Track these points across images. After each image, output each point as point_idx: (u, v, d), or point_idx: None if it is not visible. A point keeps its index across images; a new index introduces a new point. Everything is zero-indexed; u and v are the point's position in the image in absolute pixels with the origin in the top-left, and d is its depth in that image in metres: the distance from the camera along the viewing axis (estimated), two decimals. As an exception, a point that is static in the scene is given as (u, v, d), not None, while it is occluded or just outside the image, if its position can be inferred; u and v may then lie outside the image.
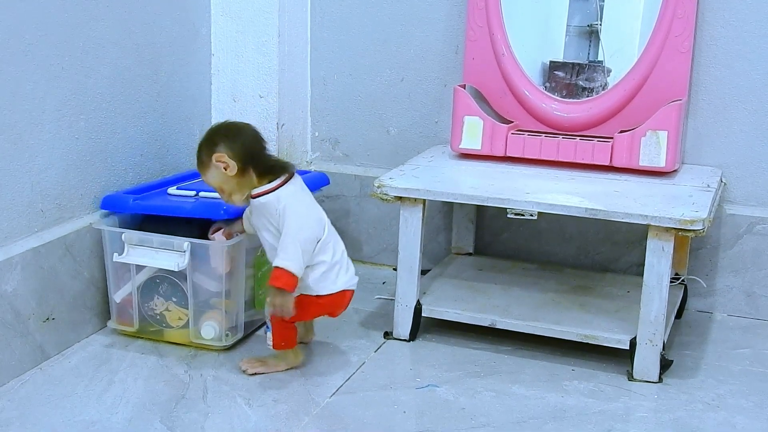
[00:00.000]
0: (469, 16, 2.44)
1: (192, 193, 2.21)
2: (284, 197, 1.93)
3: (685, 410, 1.93)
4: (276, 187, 1.94)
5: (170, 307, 2.14)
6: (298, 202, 1.96)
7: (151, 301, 2.15)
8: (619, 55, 2.41)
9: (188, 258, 2.06)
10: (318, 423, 1.84)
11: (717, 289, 2.45)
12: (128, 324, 2.17)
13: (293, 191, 1.96)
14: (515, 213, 2.08)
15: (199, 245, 2.07)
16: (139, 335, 2.17)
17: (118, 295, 2.17)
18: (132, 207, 2.16)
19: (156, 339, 2.16)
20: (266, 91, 2.62)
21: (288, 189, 1.95)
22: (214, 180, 1.95)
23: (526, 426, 1.85)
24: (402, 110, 2.69)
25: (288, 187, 1.95)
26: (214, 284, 2.11)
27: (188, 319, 2.13)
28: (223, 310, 2.11)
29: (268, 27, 2.58)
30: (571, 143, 2.32)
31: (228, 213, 2.08)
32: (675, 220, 1.95)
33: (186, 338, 2.14)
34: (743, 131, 2.39)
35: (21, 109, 1.97)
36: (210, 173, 1.95)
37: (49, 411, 1.85)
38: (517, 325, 2.16)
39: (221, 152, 1.92)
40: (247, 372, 2.02)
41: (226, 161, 1.92)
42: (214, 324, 2.11)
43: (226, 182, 1.94)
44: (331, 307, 2.04)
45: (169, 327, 2.15)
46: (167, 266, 2.07)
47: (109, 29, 2.20)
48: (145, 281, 2.14)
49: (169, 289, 2.13)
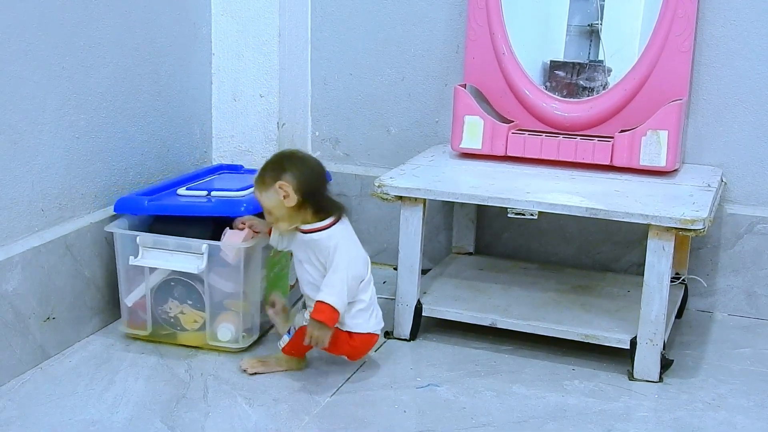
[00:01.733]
0: (470, 16, 2.44)
1: (203, 193, 2.21)
2: (336, 236, 1.95)
3: (686, 410, 1.93)
4: (328, 225, 1.95)
5: (185, 309, 2.12)
6: (349, 242, 1.97)
7: (165, 304, 2.13)
8: (619, 54, 2.41)
9: (206, 260, 2.05)
10: (318, 422, 1.84)
11: (717, 289, 2.45)
12: (141, 328, 2.15)
13: (344, 231, 1.97)
14: (516, 213, 2.08)
15: (215, 247, 2.06)
16: (151, 339, 2.15)
17: (130, 299, 2.14)
18: (147, 208, 2.14)
19: (169, 342, 2.14)
20: (267, 90, 2.62)
21: (339, 228, 1.96)
22: (268, 203, 1.95)
23: (526, 425, 1.85)
24: (402, 110, 2.69)
25: (339, 226, 1.97)
26: (230, 285, 2.10)
27: (204, 322, 2.12)
28: (240, 312, 2.10)
29: (269, 26, 2.58)
30: (572, 143, 2.32)
31: (248, 210, 2.08)
32: (675, 220, 1.95)
33: (202, 341, 2.13)
34: (744, 131, 2.39)
35: (21, 108, 1.97)
36: (267, 195, 1.94)
37: (50, 410, 1.85)
38: (517, 324, 2.16)
39: (287, 181, 1.92)
40: (248, 372, 2.02)
41: (288, 191, 1.91)
42: (230, 326, 2.10)
43: (279, 209, 1.94)
44: (358, 348, 2.03)
45: (184, 330, 2.13)
46: (187, 269, 2.05)
47: (109, 29, 2.20)
48: (159, 284, 2.12)
49: (184, 292, 2.11)
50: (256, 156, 2.65)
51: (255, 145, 2.66)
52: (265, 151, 2.64)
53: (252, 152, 2.66)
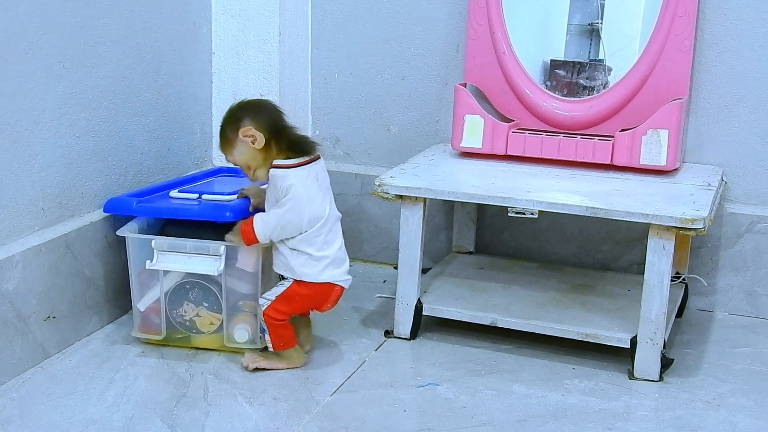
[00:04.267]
0: (470, 15, 2.44)
1: (194, 196, 2.20)
2: (292, 177, 1.95)
3: (686, 409, 1.93)
4: (291, 165, 1.96)
5: (201, 312, 2.11)
6: (303, 188, 1.96)
7: (180, 307, 2.11)
8: (619, 53, 2.41)
9: (224, 262, 2.05)
10: (318, 421, 1.84)
11: (718, 288, 2.45)
12: (155, 332, 2.13)
13: (304, 176, 1.97)
14: (516, 212, 2.08)
15: (232, 248, 2.05)
16: (165, 343, 2.13)
17: (143, 303, 2.12)
18: (136, 210, 2.14)
19: (183, 346, 2.13)
20: (267, 89, 2.62)
21: (300, 172, 1.97)
22: (241, 156, 1.98)
23: (526, 424, 1.85)
24: (403, 109, 2.69)
25: (301, 170, 1.97)
26: (246, 286, 2.09)
27: (220, 324, 2.11)
28: (257, 313, 2.08)
29: (269, 25, 2.59)
30: (572, 142, 2.32)
31: (234, 215, 2.07)
32: (676, 219, 1.95)
33: (218, 343, 2.11)
34: (744, 130, 2.39)
35: (22, 107, 1.97)
36: (237, 150, 1.98)
37: (50, 409, 1.85)
38: (517, 323, 2.16)
39: (248, 125, 1.95)
40: (249, 368, 2.03)
41: (253, 134, 1.95)
42: (246, 327, 2.10)
43: (254, 157, 1.97)
44: (316, 298, 2.04)
45: (200, 333, 2.12)
46: (206, 271, 2.04)
47: (109, 28, 2.20)
48: (173, 287, 2.10)
49: (200, 294, 2.10)
50: (257, 155, 2.65)
51: (255, 144, 2.66)
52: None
53: (252, 151, 2.66)
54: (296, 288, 2.01)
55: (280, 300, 2.01)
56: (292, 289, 2.01)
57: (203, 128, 2.64)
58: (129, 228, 2.13)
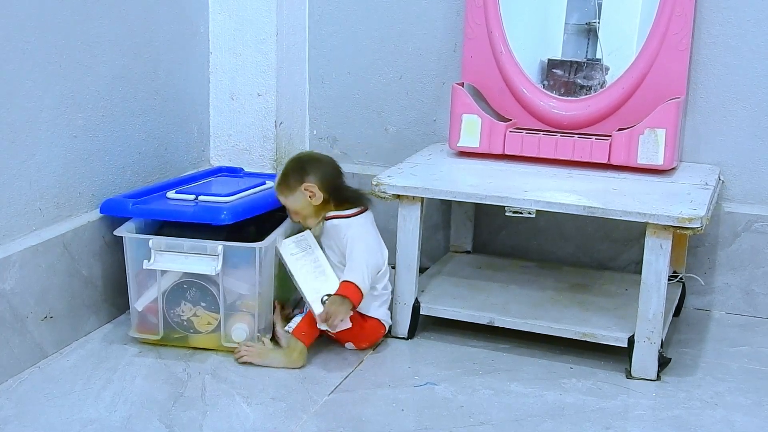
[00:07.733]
0: (468, 14, 2.44)
1: (191, 197, 2.20)
2: (354, 225, 2.11)
3: (684, 408, 1.93)
4: (350, 215, 2.12)
5: (198, 312, 2.11)
6: (367, 233, 2.13)
7: (178, 307, 2.11)
8: (617, 53, 2.41)
9: (221, 261, 2.05)
10: (316, 421, 1.84)
11: (715, 287, 2.45)
12: (152, 332, 2.13)
13: (364, 223, 2.14)
14: (513, 211, 2.08)
15: (229, 248, 2.06)
16: (163, 343, 2.13)
17: (140, 303, 2.12)
18: (132, 211, 2.13)
19: (180, 345, 2.13)
20: (264, 89, 2.62)
21: (360, 220, 2.13)
22: (295, 204, 2.11)
23: (524, 424, 1.85)
24: (400, 108, 2.69)
25: (360, 218, 2.13)
26: (244, 286, 2.10)
27: (218, 323, 2.11)
28: (256, 312, 2.09)
29: (267, 25, 2.58)
30: (570, 141, 2.32)
31: (229, 217, 2.08)
32: (673, 218, 1.95)
33: (215, 343, 2.11)
34: (741, 129, 2.39)
35: (19, 107, 1.97)
36: (294, 197, 2.11)
37: (48, 409, 1.85)
38: (515, 323, 2.16)
39: (311, 182, 2.09)
40: (241, 359, 2.04)
41: (313, 191, 2.09)
42: (244, 326, 2.10)
43: (306, 208, 2.11)
44: (367, 333, 2.13)
45: (197, 332, 2.12)
46: (204, 271, 2.05)
47: (107, 27, 2.20)
48: (170, 287, 2.10)
49: (198, 294, 2.10)
50: (254, 155, 2.65)
51: (253, 144, 2.66)
52: (263, 150, 2.64)
53: (250, 151, 2.66)
54: (359, 318, 2.09)
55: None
56: (356, 316, 2.08)
57: (201, 128, 2.64)
58: (126, 228, 2.13)
